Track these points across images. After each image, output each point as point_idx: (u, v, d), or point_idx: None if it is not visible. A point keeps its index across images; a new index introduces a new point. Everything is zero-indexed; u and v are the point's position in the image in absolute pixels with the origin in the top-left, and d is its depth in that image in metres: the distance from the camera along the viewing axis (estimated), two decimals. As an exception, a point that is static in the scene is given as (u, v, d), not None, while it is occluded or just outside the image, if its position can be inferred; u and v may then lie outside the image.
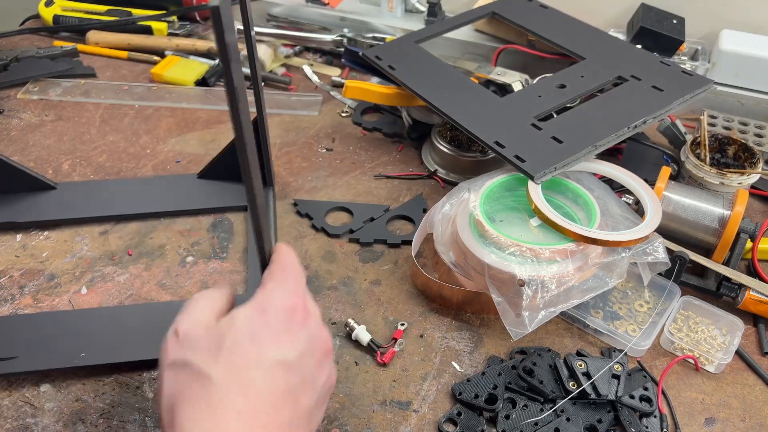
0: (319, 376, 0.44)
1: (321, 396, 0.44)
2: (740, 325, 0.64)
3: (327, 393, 0.46)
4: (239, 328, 0.42)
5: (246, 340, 0.41)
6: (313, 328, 0.44)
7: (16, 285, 0.68)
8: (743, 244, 0.67)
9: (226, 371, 0.40)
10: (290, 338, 0.42)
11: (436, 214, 0.69)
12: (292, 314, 0.43)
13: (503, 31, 1.03)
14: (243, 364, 0.40)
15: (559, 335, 0.65)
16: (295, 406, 0.42)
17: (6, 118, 0.94)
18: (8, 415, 0.56)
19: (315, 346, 0.44)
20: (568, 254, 0.61)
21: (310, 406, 0.43)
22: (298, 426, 0.42)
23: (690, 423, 0.57)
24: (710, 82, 0.75)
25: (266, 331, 0.42)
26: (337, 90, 1.02)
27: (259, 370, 0.41)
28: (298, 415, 0.42)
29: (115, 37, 1.10)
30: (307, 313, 0.44)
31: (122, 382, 0.59)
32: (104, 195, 0.79)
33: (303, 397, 0.42)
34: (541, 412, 0.56)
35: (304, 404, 0.42)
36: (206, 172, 0.82)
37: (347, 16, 1.13)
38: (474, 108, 0.75)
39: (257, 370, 0.41)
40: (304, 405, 0.42)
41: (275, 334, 0.42)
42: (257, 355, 0.41)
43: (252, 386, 0.40)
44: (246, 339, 0.41)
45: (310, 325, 0.44)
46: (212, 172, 0.82)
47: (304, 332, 0.43)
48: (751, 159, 0.78)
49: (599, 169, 0.71)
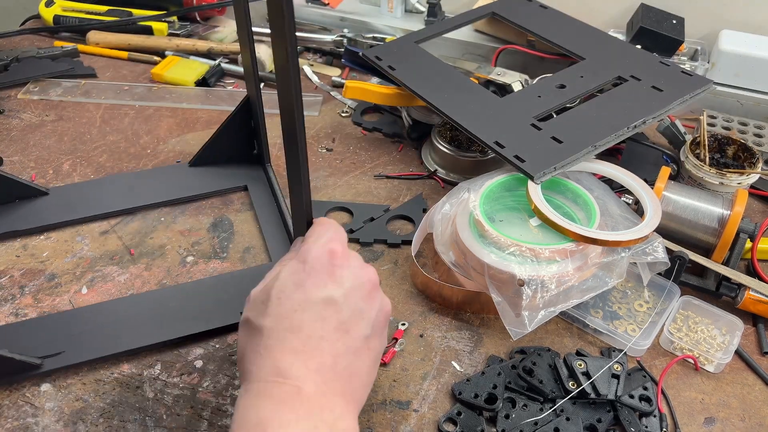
0: (371, 307, 0.48)
1: (377, 324, 0.49)
2: (740, 324, 0.64)
3: (384, 320, 0.50)
4: (283, 279, 0.47)
5: (290, 288, 0.46)
6: (356, 267, 0.49)
7: (17, 285, 0.68)
8: (743, 244, 0.67)
9: (274, 319, 0.45)
10: (333, 279, 0.47)
11: (436, 214, 0.69)
12: (332, 259, 0.48)
13: (503, 32, 1.03)
14: (290, 309, 0.46)
15: (558, 335, 0.65)
16: (346, 336, 0.46)
17: (6, 118, 0.94)
18: (8, 414, 0.56)
19: (361, 281, 0.48)
20: (568, 254, 0.61)
21: (365, 334, 0.47)
22: (355, 353, 0.46)
23: (689, 423, 0.57)
24: (710, 82, 0.75)
25: (309, 277, 0.47)
26: (337, 90, 1.03)
27: (306, 312, 0.45)
28: (352, 344, 0.46)
29: (116, 38, 1.10)
30: (346, 255, 0.49)
31: (122, 382, 0.59)
32: (98, 194, 0.79)
33: (355, 327, 0.47)
34: (540, 411, 0.57)
35: (357, 333, 0.47)
36: (198, 160, 0.83)
37: (347, 16, 1.13)
38: (474, 108, 0.76)
39: (304, 312, 0.45)
40: (358, 334, 0.47)
41: (318, 278, 0.47)
42: (302, 299, 0.46)
43: (301, 326, 0.45)
44: (290, 287, 0.46)
45: (352, 265, 0.49)
46: (204, 159, 0.82)
47: (346, 271, 0.48)
48: (751, 159, 0.78)
49: (599, 169, 0.71)
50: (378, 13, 1.14)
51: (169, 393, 0.58)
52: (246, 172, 0.82)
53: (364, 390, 0.47)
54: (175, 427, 0.55)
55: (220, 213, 0.78)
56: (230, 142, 0.81)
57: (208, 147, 0.82)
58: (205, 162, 0.83)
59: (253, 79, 0.73)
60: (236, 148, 0.82)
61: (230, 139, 0.81)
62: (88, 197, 0.78)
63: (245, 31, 0.69)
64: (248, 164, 0.83)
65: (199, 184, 0.80)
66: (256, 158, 0.83)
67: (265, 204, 0.78)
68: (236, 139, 0.81)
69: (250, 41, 0.70)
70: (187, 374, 0.60)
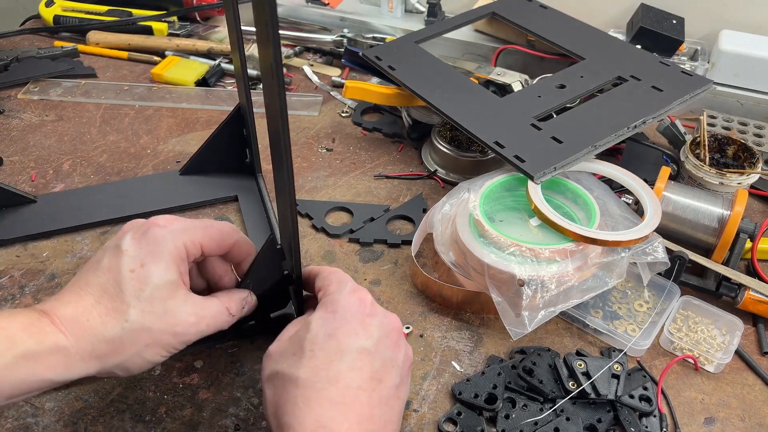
0: (398, 355, 0.48)
1: (403, 372, 0.49)
2: (740, 324, 0.64)
3: (408, 368, 0.50)
4: (315, 330, 0.47)
5: (323, 338, 0.46)
6: (382, 315, 0.49)
7: (17, 285, 0.68)
8: (743, 244, 0.67)
9: (311, 369, 0.45)
10: (364, 328, 0.47)
11: (436, 214, 0.69)
12: (361, 307, 0.48)
13: (503, 32, 1.03)
14: (326, 359, 0.45)
15: (558, 335, 0.65)
16: (381, 386, 0.46)
17: (6, 118, 0.94)
18: (9, 414, 0.56)
19: (388, 330, 0.48)
20: (568, 254, 0.61)
21: (396, 383, 0.47)
22: (387, 403, 0.46)
23: (689, 423, 0.57)
24: (710, 82, 0.75)
25: (341, 327, 0.47)
26: (337, 90, 1.03)
27: (342, 362, 0.45)
28: (386, 393, 0.46)
29: (116, 38, 1.10)
30: (373, 303, 0.50)
31: (122, 382, 0.59)
32: (86, 203, 0.77)
33: (387, 376, 0.47)
34: (540, 411, 0.57)
35: (389, 383, 0.47)
36: (189, 168, 0.81)
37: (347, 16, 1.13)
38: (474, 108, 0.76)
39: (340, 362, 0.45)
40: (390, 383, 0.47)
41: (350, 328, 0.47)
42: (337, 349, 0.46)
43: (339, 377, 0.45)
44: (323, 338, 0.46)
45: (378, 313, 0.49)
46: (195, 167, 0.81)
47: (375, 320, 0.48)
48: (751, 159, 0.78)
49: (599, 169, 0.71)
50: (378, 13, 1.14)
51: (169, 393, 0.58)
52: (237, 182, 0.80)
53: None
54: (175, 427, 0.55)
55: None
56: (221, 150, 0.79)
57: (199, 155, 0.80)
58: (196, 171, 0.81)
59: (244, 86, 0.72)
60: (228, 157, 0.80)
61: (221, 148, 0.79)
62: (76, 206, 0.76)
63: (235, 34, 0.67)
64: (240, 173, 0.81)
65: (190, 194, 0.79)
66: (248, 167, 0.81)
67: (255, 215, 0.76)
68: (228, 147, 0.79)
69: (240, 44, 0.68)
70: (187, 374, 0.60)
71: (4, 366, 0.42)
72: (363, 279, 0.70)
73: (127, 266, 0.47)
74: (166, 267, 0.48)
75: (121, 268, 0.47)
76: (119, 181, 0.82)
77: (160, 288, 0.47)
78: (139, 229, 0.49)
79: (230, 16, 0.67)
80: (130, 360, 0.47)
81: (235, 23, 0.66)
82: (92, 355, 0.45)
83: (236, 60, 0.70)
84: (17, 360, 0.42)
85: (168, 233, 0.49)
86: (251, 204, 0.78)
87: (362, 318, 0.48)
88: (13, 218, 0.74)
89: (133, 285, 0.46)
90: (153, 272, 0.47)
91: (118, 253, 0.48)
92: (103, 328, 0.45)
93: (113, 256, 0.48)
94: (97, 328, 0.45)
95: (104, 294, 0.47)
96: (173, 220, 0.51)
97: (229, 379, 0.59)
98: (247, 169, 0.82)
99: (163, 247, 0.48)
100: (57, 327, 0.44)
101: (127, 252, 0.48)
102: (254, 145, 0.78)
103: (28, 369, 0.43)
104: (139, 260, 0.47)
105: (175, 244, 0.49)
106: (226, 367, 0.60)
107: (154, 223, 0.50)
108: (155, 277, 0.47)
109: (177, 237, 0.49)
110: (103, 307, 0.46)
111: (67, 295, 0.47)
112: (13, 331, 0.43)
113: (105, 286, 0.47)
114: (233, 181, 0.80)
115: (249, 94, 0.72)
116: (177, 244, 0.49)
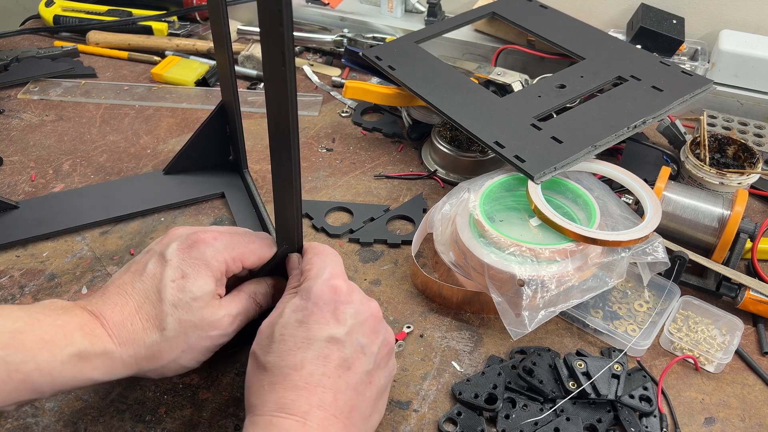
0: (373, 342, 0.49)
1: (379, 358, 0.49)
2: (740, 324, 0.64)
3: (387, 353, 0.51)
4: (286, 317, 0.48)
5: (293, 325, 0.47)
6: (358, 302, 0.50)
7: (17, 285, 0.68)
8: (743, 244, 0.67)
9: (279, 355, 0.47)
10: (336, 317, 0.48)
11: (435, 214, 0.69)
12: (335, 295, 0.49)
13: (503, 32, 1.03)
14: (294, 346, 0.47)
15: (558, 335, 0.65)
16: (348, 372, 0.47)
17: (6, 118, 0.94)
18: (9, 414, 0.56)
19: (364, 317, 0.49)
20: (568, 254, 0.61)
21: (367, 369, 0.48)
22: (355, 388, 0.47)
23: (689, 423, 0.57)
24: (710, 82, 0.75)
25: (312, 315, 0.48)
26: (337, 90, 1.03)
27: (308, 350, 0.46)
28: (354, 379, 0.47)
29: (116, 38, 1.10)
30: (350, 290, 0.50)
31: (122, 382, 0.59)
32: (68, 207, 0.76)
33: (357, 363, 0.47)
34: (540, 411, 0.57)
35: (359, 369, 0.47)
36: (172, 167, 0.81)
37: (347, 16, 1.13)
38: (474, 108, 0.76)
39: (307, 350, 0.46)
40: (360, 370, 0.47)
41: (321, 316, 0.48)
42: (305, 337, 0.47)
43: (304, 363, 0.46)
44: (293, 324, 0.47)
45: (355, 301, 0.49)
46: (178, 166, 0.81)
47: (350, 308, 0.49)
48: (751, 159, 0.78)
49: (599, 169, 0.71)
50: (378, 13, 1.14)
51: (169, 393, 0.58)
52: (222, 179, 0.81)
53: (364, 421, 0.48)
54: (175, 427, 0.55)
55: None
56: (205, 148, 0.79)
57: (182, 154, 0.80)
58: (179, 170, 0.81)
59: (230, 83, 0.71)
60: (211, 155, 0.81)
61: (205, 146, 0.79)
62: (59, 210, 0.76)
63: (221, 30, 0.67)
64: (224, 171, 0.82)
65: (175, 192, 0.79)
66: (233, 164, 0.82)
67: (244, 211, 0.77)
68: (211, 145, 0.79)
69: (227, 42, 0.67)
70: (187, 374, 0.60)
71: (61, 362, 0.45)
72: (363, 279, 0.70)
73: (169, 276, 0.50)
74: (206, 281, 0.51)
75: (164, 278, 0.50)
76: (102, 182, 0.82)
77: (198, 299, 0.50)
78: (185, 241, 0.52)
79: (216, 10, 0.65)
80: (167, 366, 0.50)
81: (222, 19, 0.66)
82: (133, 360, 0.48)
83: (221, 57, 0.70)
84: (71, 358, 0.45)
85: (213, 251, 0.52)
86: (239, 200, 0.79)
87: (335, 306, 0.48)
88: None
89: (173, 294, 0.49)
90: (193, 284, 0.50)
91: (163, 262, 0.51)
92: (144, 334, 0.49)
93: (157, 264, 0.51)
94: (139, 333, 0.49)
95: (146, 300, 0.50)
96: (218, 236, 0.53)
97: (229, 379, 0.59)
98: (231, 166, 0.82)
99: (205, 263, 0.51)
100: (106, 330, 0.47)
101: (170, 262, 0.51)
102: (240, 141, 0.78)
103: (79, 367, 0.46)
104: (181, 272, 0.50)
105: (217, 260, 0.52)
106: (226, 367, 0.60)
107: (201, 239, 0.52)
108: (195, 289, 0.50)
109: (220, 253, 0.52)
110: (144, 312, 0.49)
111: (113, 297, 0.50)
112: (70, 329, 0.46)
113: (147, 292, 0.50)
114: (218, 178, 0.81)
115: (236, 91, 0.72)
116: (219, 261, 0.52)
